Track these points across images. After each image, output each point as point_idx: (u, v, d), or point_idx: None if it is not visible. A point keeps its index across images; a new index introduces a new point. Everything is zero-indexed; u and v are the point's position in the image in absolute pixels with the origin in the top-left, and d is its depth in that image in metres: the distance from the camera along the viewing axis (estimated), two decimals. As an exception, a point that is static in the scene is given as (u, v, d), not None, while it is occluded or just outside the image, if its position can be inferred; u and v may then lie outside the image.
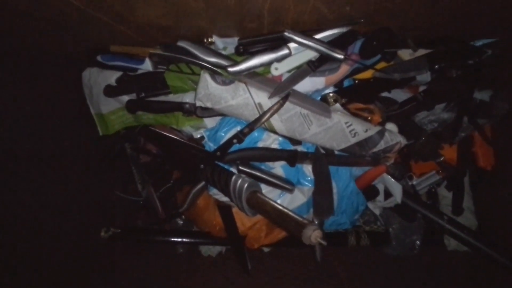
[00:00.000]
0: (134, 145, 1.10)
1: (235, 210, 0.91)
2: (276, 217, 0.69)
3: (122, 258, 1.00)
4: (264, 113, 0.78)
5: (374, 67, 0.80)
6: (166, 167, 1.08)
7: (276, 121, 0.80)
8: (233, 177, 0.77)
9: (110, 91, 0.86)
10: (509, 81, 0.96)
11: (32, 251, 0.75)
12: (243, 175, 0.78)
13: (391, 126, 0.84)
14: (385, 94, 0.93)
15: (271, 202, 0.71)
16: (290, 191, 0.83)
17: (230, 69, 0.75)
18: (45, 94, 0.83)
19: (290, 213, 0.68)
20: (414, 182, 1.01)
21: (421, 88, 0.96)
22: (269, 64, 0.77)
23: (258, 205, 0.74)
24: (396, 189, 0.87)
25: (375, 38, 0.78)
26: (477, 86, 0.97)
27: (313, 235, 0.61)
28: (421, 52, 0.85)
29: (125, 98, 0.90)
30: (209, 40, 0.80)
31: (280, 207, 0.70)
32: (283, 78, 0.79)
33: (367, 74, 0.85)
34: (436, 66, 0.89)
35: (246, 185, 0.75)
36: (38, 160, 0.79)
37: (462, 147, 1.04)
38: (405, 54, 0.85)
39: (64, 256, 0.83)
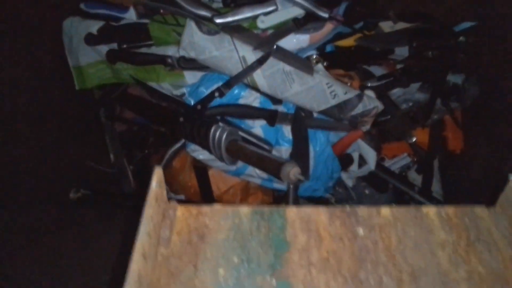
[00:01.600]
0: (109, 113, 1.07)
1: (211, 173, 0.90)
2: (256, 160, 0.69)
3: (93, 221, 0.96)
4: (248, 66, 0.78)
5: (356, 32, 0.83)
6: (142, 136, 1.06)
7: (258, 77, 0.81)
8: (213, 127, 0.77)
9: (91, 40, 0.85)
10: (480, 66, 1.01)
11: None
12: (222, 125, 0.77)
13: (369, 92, 0.86)
14: (364, 67, 0.96)
15: (250, 147, 0.71)
16: (268, 151, 0.83)
17: (217, 20, 0.76)
18: (22, 47, 0.80)
19: (269, 154, 0.68)
20: (386, 164, 1.03)
21: (398, 67, 0.99)
22: (255, 17, 0.78)
23: (238, 151, 0.74)
24: (370, 155, 0.89)
25: (359, 3, 0.81)
26: (451, 69, 1.01)
27: (291, 172, 0.62)
28: (401, 25, 0.89)
29: (106, 50, 0.88)
30: (197, -8, 0.81)
31: (259, 150, 0.70)
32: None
33: (349, 42, 0.88)
34: (414, 44, 0.93)
35: (225, 133, 0.75)
36: (12, 113, 0.76)
37: (434, 130, 1.08)
38: (386, 26, 0.89)
39: (35, 214, 0.79)
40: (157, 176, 0.31)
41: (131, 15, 0.83)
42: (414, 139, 1.08)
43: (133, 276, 0.26)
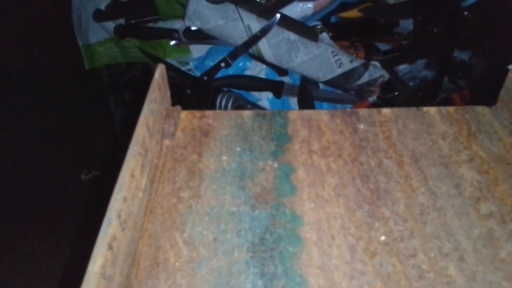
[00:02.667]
0: (118, 99, 1.10)
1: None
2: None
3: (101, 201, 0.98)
4: (253, 35, 0.80)
5: (361, 2, 0.85)
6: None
7: (264, 46, 0.83)
8: (220, 94, 0.79)
9: (100, 16, 0.88)
10: (487, 42, 1.02)
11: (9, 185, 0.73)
12: (228, 92, 0.79)
13: (375, 62, 0.88)
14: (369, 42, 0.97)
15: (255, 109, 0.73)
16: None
17: (222, -11, 0.79)
18: (33, 28, 0.83)
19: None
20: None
21: (404, 43, 1.00)
22: (259, -14, 0.81)
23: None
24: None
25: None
26: (457, 44, 1.02)
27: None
28: (405, -4, 0.90)
29: (113, 27, 0.91)
30: (202, -34, 0.84)
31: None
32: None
33: (353, 13, 0.90)
34: (419, 18, 0.94)
35: (231, 99, 0.77)
36: (23, 96, 0.78)
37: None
38: (390, -2, 0.91)
39: (42, 192, 0.81)
40: (160, 70, 0.33)
41: (138, -10, 0.86)
42: (423, 118, 1.07)
43: (137, 141, 0.27)
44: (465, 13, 1.02)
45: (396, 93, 1.02)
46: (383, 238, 0.26)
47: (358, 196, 0.29)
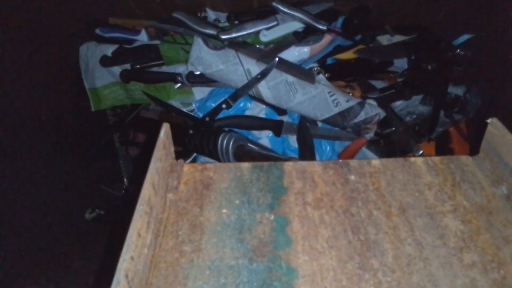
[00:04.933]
0: (123, 138, 1.14)
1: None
2: (263, 161, 0.73)
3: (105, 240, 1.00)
4: (253, 78, 0.84)
5: (355, 44, 0.89)
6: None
7: (263, 88, 0.87)
8: (221, 135, 0.82)
9: (106, 61, 0.93)
10: (480, 77, 1.06)
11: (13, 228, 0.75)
12: (229, 132, 0.82)
13: (370, 101, 0.91)
14: (365, 80, 1.01)
15: (256, 149, 0.76)
16: (278, 157, 0.87)
17: (222, 36, 0.84)
18: (41, 74, 0.87)
19: (275, 155, 0.72)
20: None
21: (399, 80, 1.04)
22: (258, 32, 0.85)
23: (245, 155, 0.78)
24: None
25: (355, 17, 0.88)
26: (451, 81, 1.06)
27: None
28: (398, 38, 0.95)
29: (120, 71, 0.96)
30: (203, 14, 0.89)
31: (264, 151, 0.74)
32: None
33: (348, 55, 0.94)
34: (413, 56, 0.99)
35: (232, 139, 0.80)
36: (30, 137, 0.82)
37: (439, 142, 1.11)
38: (384, 39, 0.96)
39: (47, 234, 0.84)
40: (165, 128, 0.36)
41: (143, 37, 0.91)
42: (420, 152, 1.10)
43: (143, 201, 0.30)
44: (458, 50, 1.06)
45: (394, 128, 1.05)
46: (372, 289, 0.28)
47: (349, 247, 0.31)
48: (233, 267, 0.29)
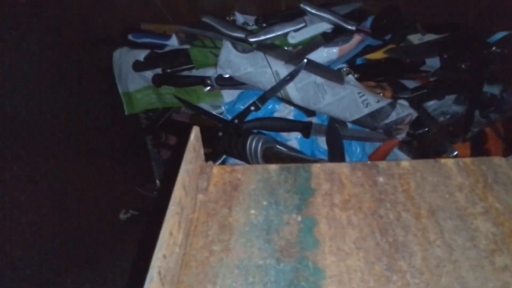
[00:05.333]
0: (155, 141, 1.17)
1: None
2: (292, 163, 0.74)
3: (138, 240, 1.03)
4: (281, 80, 0.85)
5: (386, 44, 0.88)
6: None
7: (291, 90, 0.87)
8: (250, 137, 0.83)
9: (139, 66, 0.96)
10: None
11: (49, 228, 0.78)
12: (258, 134, 0.83)
13: (402, 101, 0.90)
14: (396, 80, 1.00)
15: (285, 151, 0.76)
16: (307, 159, 0.87)
17: (251, 39, 0.85)
18: (76, 78, 0.91)
19: (303, 156, 0.72)
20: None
21: (432, 79, 1.02)
22: (286, 34, 0.86)
23: (274, 157, 0.79)
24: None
25: (385, 16, 0.87)
26: (486, 79, 1.03)
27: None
28: (430, 37, 0.93)
29: (151, 76, 0.99)
30: (231, 18, 0.91)
31: (293, 153, 0.74)
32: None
33: (378, 55, 0.93)
34: (445, 55, 0.97)
35: (261, 141, 0.81)
36: (66, 141, 0.85)
37: (475, 143, 1.08)
38: (415, 38, 0.94)
39: (83, 234, 0.87)
40: (195, 131, 0.37)
41: (173, 42, 0.93)
42: (455, 153, 1.07)
43: (174, 201, 0.31)
44: (493, 48, 1.03)
45: (427, 129, 1.03)
46: (400, 291, 0.28)
47: (377, 249, 0.31)
48: (261, 267, 0.30)
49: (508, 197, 0.34)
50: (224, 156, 0.98)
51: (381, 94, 0.92)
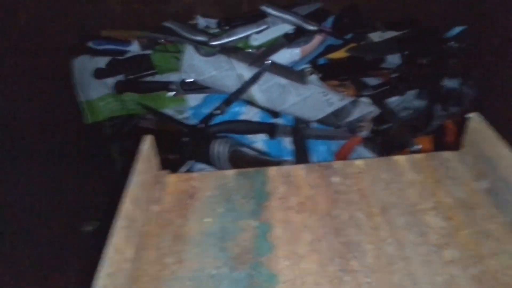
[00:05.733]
0: (121, 149, 1.14)
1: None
2: (257, 164, 0.73)
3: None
4: (246, 82, 0.85)
5: (347, 43, 0.89)
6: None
7: (256, 92, 0.87)
8: (215, 141, 0.83)
9: (100, 73, 0.94)
10: (475, 69, 1.05)
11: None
12: (224, 138, 0.83)
13: (364, 99, 0.91)
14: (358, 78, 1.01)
15: (250, 153, 0.76)
16: (275, 161, 0.87)
17: (213, 42, 0.84)
18: (35, 88, 0.87)
19: (268, 157, 0.72)
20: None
21: (393, 76, 1.04)
22: (248, 37, 0.86)
23: (239, 160, 0.78)
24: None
25: (345, 16, 0.88)
26: (446, 74, 1.05)
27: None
28: (390, 34, 0.95)
29: (113, 83, 0.97)
30: (194, 22, 0.90)
31: (259, 155, 0.74)
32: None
33: (340, 54, 0.94)
34: (406, 52, 0.98)
35: (227, 145, 0.81)
36: (25, 151, 0.82)
37: (437, 136, 1.10)
38: (375, 36, 0.95)
39: (43, 245, 0.84)
40: (148, 140, 0.36)
41: (135, 48, 0.91)
42: (420, 147, 1.09)
43: (121, 215, 0.30)
44: (451, 42, 1.05)
45: (390, 124, 1.04)
46: (352, 291, 0.28)
47: (331, 250, 0.31)
48: (214, 277, 0.29)
49: (457, 191, 0.34)
50: (191, 162, 0.97)
51: (344, 93, 0.93)
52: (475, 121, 0.34)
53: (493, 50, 0.95)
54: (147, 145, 0.35)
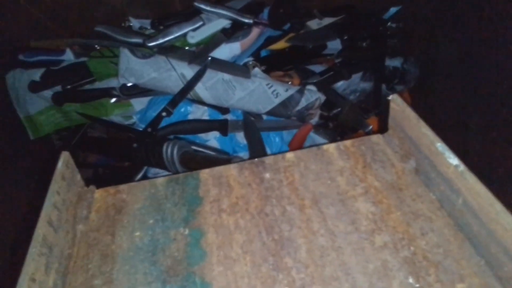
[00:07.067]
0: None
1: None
2: (208, 164, 0.72)
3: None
4: (188, 81, 0.83)
5: (286, 34, 0.89)
6: (108, 177, 1.08)
7: (201, 90, 0.85)
8: (165, 144, 0.80)
9: (35, 86, 0.89)
10: (416, 47, 1.07)
11: None
12: (173, 140, 0.80)
13: (309, 86, 0.91)
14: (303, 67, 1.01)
15: (200, 153, 0.74)
16: (228, 159, 0.85)
17: (149, 43, 0.81)
18: None
19: (218, 155, 0.71)
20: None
21: (337, 61, 1.05)
22: (185, 35, 0.83)
23: (190, 161, 0.76)
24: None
25: (280, 6, 0.88)
26: (387, 54, 1.07)
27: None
28: (328, 21, 0.95)
29: (51, 95, 0.92)
30: (127, 24, 0.86)
31: (212, 153, 0.73)
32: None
33: (281, 45, 0.94)
34: (345, 37, 0.99)
35: (176, 147, 0.78)
36: None
37: (386, 115, 1.12)
38: (313, 24, 0.95)
39: None
40: (64, 157, 0.34)
41: (68, 57, 0.87)
42: (370, 127, 1.11)
43: (36, 242, 0.28)
44: (389, 23, 1.07)
45: (340, 109, 1.05)
46: (286, 289, 0.27)
47: (264, 249, 0.31)
48: (143, 293, 0.28)
49: (385, 174, 0.34)
50: (145, 168, 0.94)
51: (289, 83, 0.93)
52: (396, 102, 0.34)
53: (429, 27, 0.98)
54: (63, 162, 0.33)
